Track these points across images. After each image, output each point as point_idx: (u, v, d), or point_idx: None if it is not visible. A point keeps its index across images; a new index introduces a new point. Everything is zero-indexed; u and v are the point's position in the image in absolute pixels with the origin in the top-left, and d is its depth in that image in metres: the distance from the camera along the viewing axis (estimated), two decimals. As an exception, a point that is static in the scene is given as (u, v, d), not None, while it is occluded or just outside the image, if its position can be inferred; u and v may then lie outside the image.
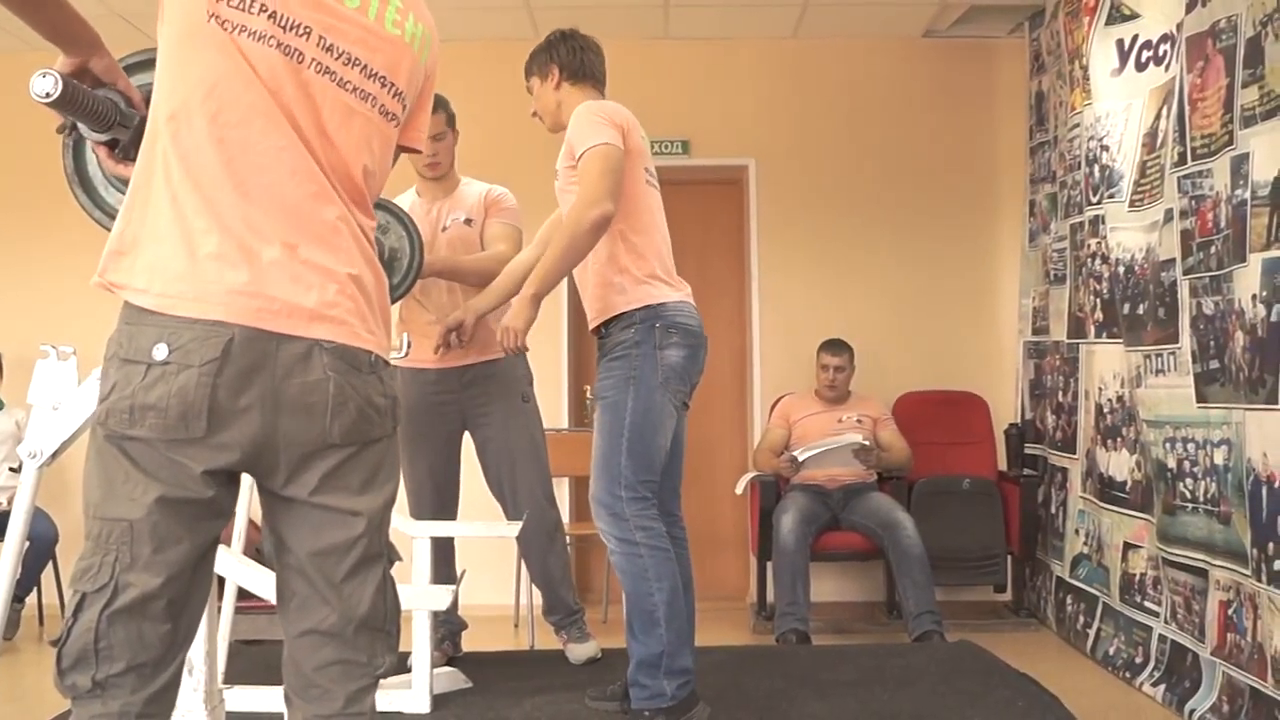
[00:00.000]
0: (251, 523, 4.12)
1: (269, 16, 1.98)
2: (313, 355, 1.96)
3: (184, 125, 1.95)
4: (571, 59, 4.24)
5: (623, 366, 3.87)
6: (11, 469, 6.45)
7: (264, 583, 3.45)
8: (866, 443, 6.24)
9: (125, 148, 2.34)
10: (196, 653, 2.85)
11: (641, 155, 4.02)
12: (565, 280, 3.72)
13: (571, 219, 3.80)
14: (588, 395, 7.27)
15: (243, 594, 3.98)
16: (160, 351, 1.89)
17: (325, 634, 2.06)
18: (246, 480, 3.68)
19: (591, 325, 4.03)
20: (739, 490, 6.58)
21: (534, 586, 5.20)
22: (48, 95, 2.13)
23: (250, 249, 1.92)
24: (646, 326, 3.85)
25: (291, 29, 2.00)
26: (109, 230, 2.50)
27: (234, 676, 4.06)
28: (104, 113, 2.24)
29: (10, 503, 4.70)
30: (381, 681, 2.13)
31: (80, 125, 2.28)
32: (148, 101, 2.27)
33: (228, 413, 1.91)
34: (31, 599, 6.47)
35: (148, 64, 2.49)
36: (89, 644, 1.93)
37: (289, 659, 2.11)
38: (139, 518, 1.91)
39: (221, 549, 2.66)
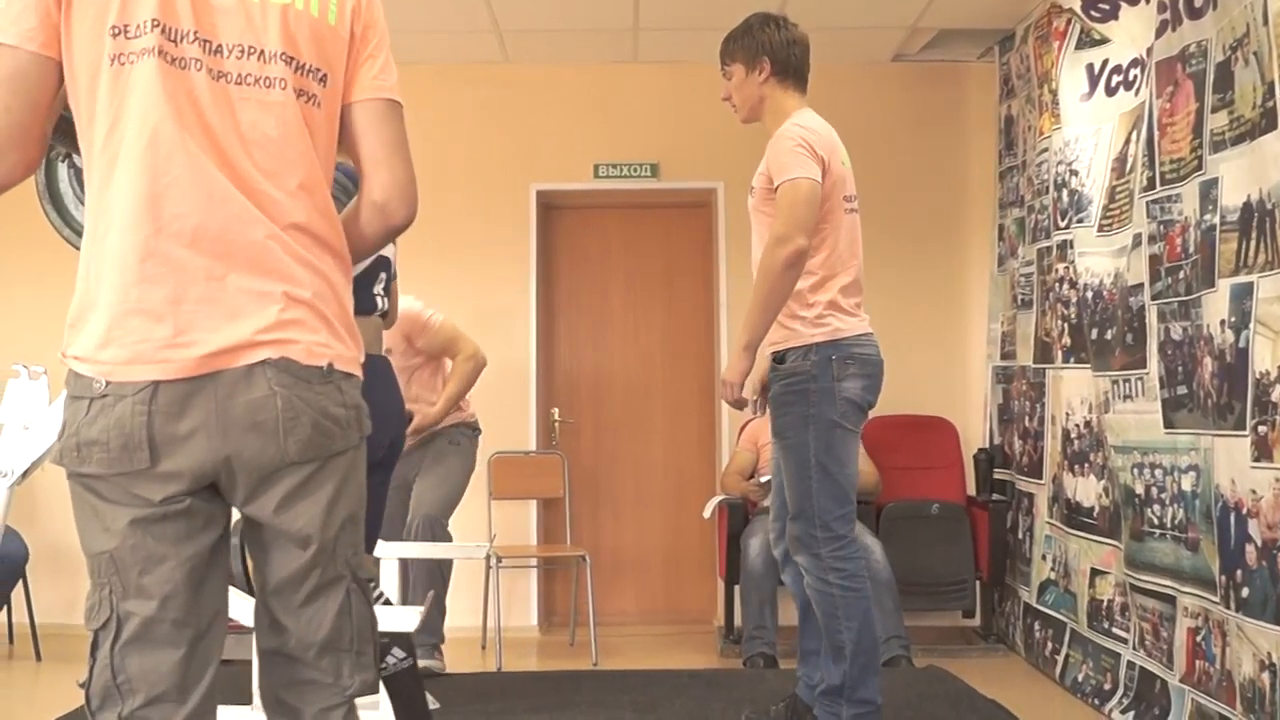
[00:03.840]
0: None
1: (160, 31, 1.91)
2: (255, 372, 1.90)
3: (98, 172, 1.92)
4: (784, 53, 4.16)
5: (800, 403, 3.95)
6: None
7: (235, 605, 3.41)
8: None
9: None
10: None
11: (842, 183, 4.05)
12: (532, 301, 3.70)
13: (767, 260, 3.86)
14: (554, 418, 7.24)
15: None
16: (100, 383, 1.86)
17: (288, 655, 2.05)
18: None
19: (770, 351, 4.07)
20: (707, 514, 6.55)
21: (500, 606, 5.18)
22: None
23: (175, 292, 1.87)
24: (824, 359, 3.92)
25: (180, 39, 1.93)
26: (78, 248, 2.48)
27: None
28: None
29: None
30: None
31: (75, 156, 2.25)
32: None
33: (170, 440, 1.86)
34: (2, 617, 6.40)
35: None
36: (109, 681, 1.91)
37: (259, 673, 2.10)
38: (116, 546, 1.89)
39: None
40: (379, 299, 3.52)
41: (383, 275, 3.53)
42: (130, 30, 1.90)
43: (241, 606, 2.66)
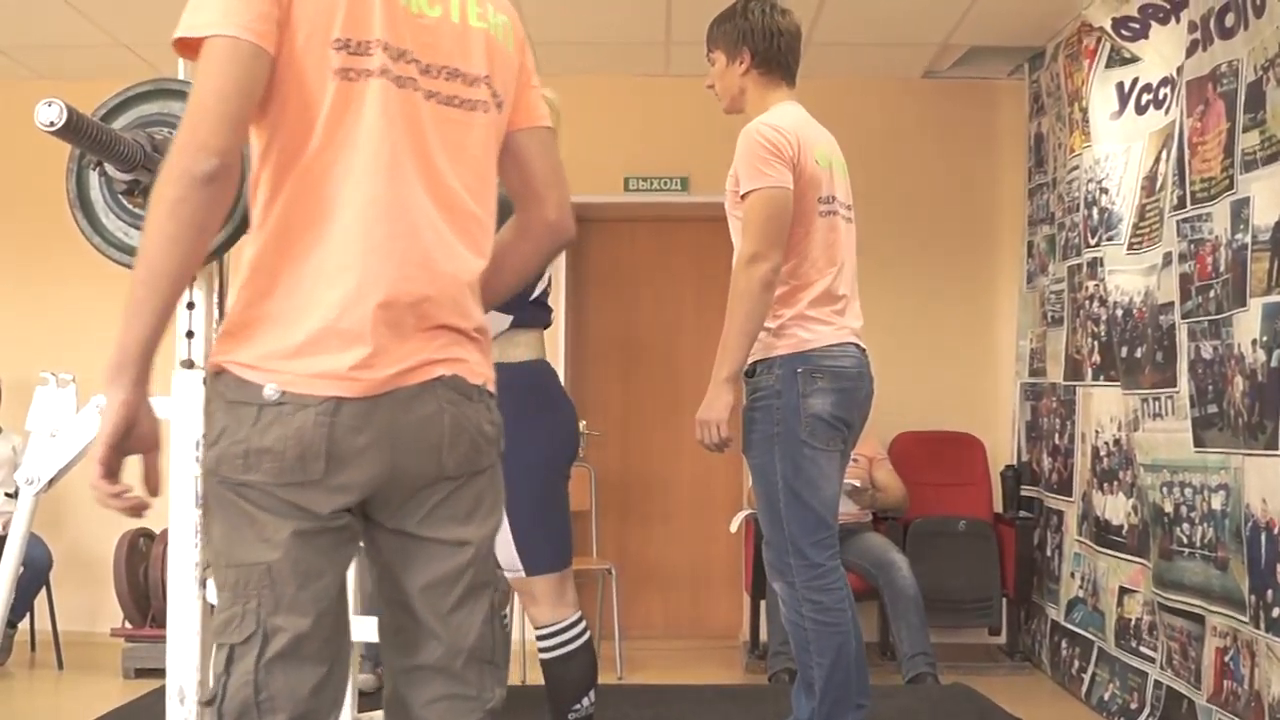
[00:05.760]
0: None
1: (384, 50, 1.92)
2: (428, 389, 1.93)
3: (298, 182, 1.90)
4: (767, 45, 3.83)
5: (764, 421, 3.67)
6: (7, 494, 6.43)
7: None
8: (858, 484, 6.21)
9: (146, 190, 2.34)
10: (189, 682, 2.83)
11: (815, 184, 3.74)
12: (562, 313, 3.65)
13: (741, 282, 3.61)
14: (582, 431, 7.25)
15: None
16: (272, 391, 1.84)
17: (433, 668, 2.01)
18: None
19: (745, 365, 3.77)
20: (734, 528, 6.55)
21: (525, 620, 5.17)
22: (52, 124, 2.13)
23: (375, 314, 1.87)
24: (789, 373, 3.64)
25: (400, 58, 1.95)
26: (108, 256, 2.50)
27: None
28: (126, 153, 2.24)
29: (6, 528, 4.67)
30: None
31: (106, 164, 2.28)
32: (151, 140, 2.27)
33: (347, 452, 1.86)
34: (24, 624, 6.43)
35: (155, 94, 2.50)
36: (249, 697, 1.86)
37: (394, 698, 2.05)
38: (277, 558, 1.86)
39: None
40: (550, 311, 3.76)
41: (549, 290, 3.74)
42: (355, 45, 1.90)
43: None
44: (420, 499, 1.97)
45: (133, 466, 1.83)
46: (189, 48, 1.86)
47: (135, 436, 1.82)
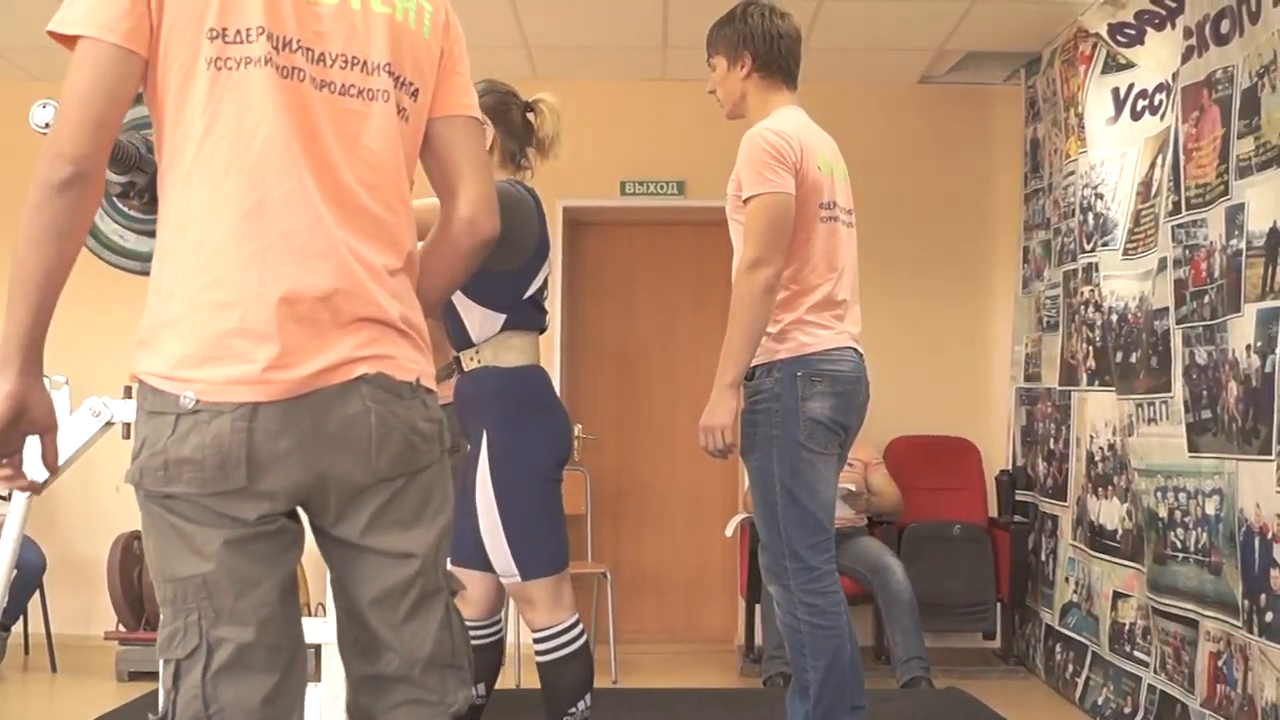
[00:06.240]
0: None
1: (267, 38, 1.86)
2: (350, 389, 1.88)
3: (181, 182, 1.85)
4: (768, 48, 3.81)
5: (764, 423, 3.67)
6: (1, 497, 6.43)
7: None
8: (854, 488, 6.21)
9: (142, 191, 2.33)
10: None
11: (817, 189, 3.75)
12: (558, 317, 3.64)
13: (743, 288, 3.64)
14: (578, 434, 7.25)
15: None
16: (187, 400, 1.80)
17: (391, 678, 1.99)
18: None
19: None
20: (729, 532, 6.55)
21: (520, 623, 5.17)
22: (47, 125, 2.13)
23: (281, 311, 1.82)
24: (788, 376, 3.64)
25: (285, 47, 1.88)
26: (102, 258, 2.49)
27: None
28: (120, 155, 2.24)
29: (-2, 531, 4.67)
30: None
31: None
32: (146, 142, 2.25)
33: (268, 458, 1.82)
34: (18, 628, 6.42)
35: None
36: (199, 712, 1.84)
37: (354, 703, 2.04)
38: (211, 569, 1.83)
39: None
40: (545, 314, 3.68)
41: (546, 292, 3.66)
42: (230, 34, 1.85)
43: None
44: (359, 504, 1.93)
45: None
46: (64, 42, 1.83)
47: (27, 420, 1.83)
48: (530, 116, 3.75)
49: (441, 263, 2.18)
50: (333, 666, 3.01)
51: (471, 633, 2.88)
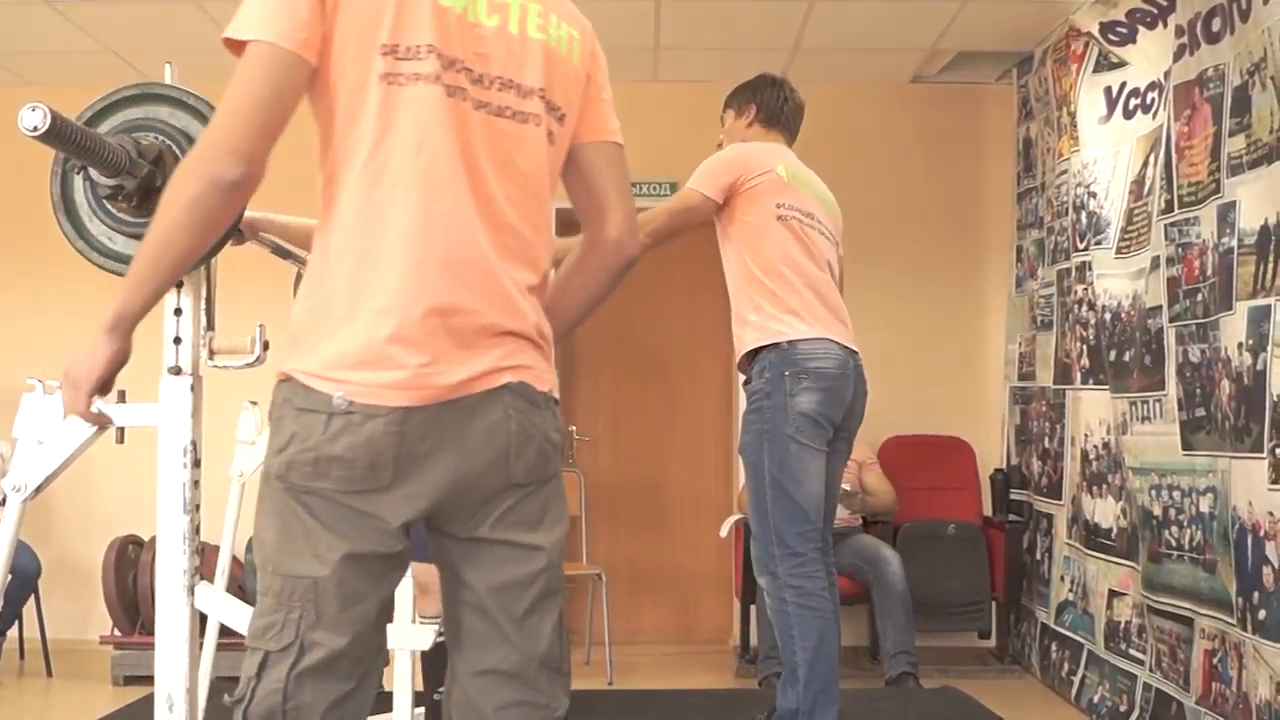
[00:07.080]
0: (235, 559, 4.10)
1: (436, 57, 1.92)
2: (493, 397, 1.93)
3: (352, 190, 1.91)
4: (773, 104, 4.32)
5: (757, 420, 3.95)
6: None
7: (247, 620, 3.42)
8: (849, 488, 6.20)
9: (131, 194, 2.33)
10: (178, 689, 2.82)
11: (776, 190, 4.05)
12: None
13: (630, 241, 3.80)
14: (572, 435, 7.25)
15: (224, 630, 3.95)
16: (340, 400, 1.85)
17: (506, 674, 2.01)
18: (234, 498, 3.63)
19: (736, 361, 4.17)
20: (724, 533, 6.55)
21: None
22: (36, 129, 2.12)
23: (438, 322, 1.88)
24: (777, 375, 3.90)
25: (450, 66, 1.93)
26: (92, 261, 2.49)
27: (213, 713, 4.03)
28: (111, 158, 2.23)
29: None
30: None
31: (90, 169, 2.27)
32: (137, 145, 2.26)
33: (415, 460, 1.87)
34: (13, 632, 6.42)
35: (141, 98, 2.50)
36: (276, 705, 1.88)
37: (464, 700, 2.04)
38: (324, 575, 1.87)
39: (204, 585, 2.64)
40: None
41: None
42: (401, 50, 1.90)
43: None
44: (489, 508, 1.97)
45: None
46: (235, 48, 1.88)
47: (112, 378, 2.01)
48: None
49: (587, 282, 2.32)
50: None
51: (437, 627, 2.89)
